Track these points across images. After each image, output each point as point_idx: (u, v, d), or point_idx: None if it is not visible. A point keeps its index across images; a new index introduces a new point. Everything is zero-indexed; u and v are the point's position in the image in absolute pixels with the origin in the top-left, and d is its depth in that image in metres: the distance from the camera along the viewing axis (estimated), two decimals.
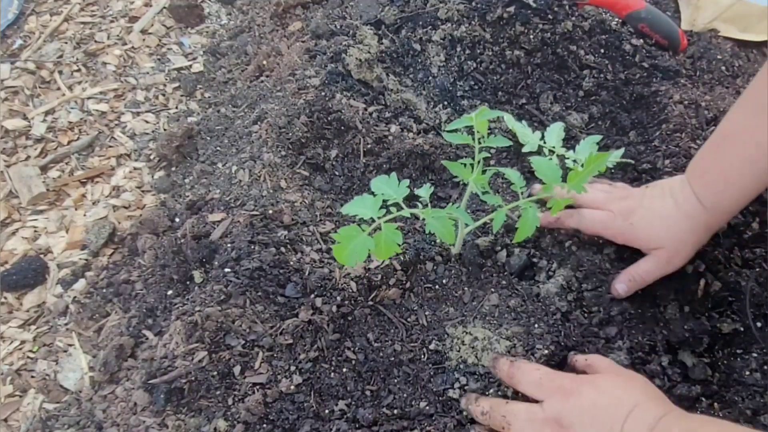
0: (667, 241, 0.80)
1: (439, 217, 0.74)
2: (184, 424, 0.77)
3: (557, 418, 0.65)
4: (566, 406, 0.66)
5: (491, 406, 0.71)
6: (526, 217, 0.78)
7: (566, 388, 0.68)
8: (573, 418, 0.65)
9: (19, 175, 1.22)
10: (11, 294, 1.08)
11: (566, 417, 0.65)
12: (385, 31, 1.19)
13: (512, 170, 0.82)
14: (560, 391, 0.68)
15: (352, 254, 0.69)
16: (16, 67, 1.37)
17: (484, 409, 0.71)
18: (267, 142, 1.06)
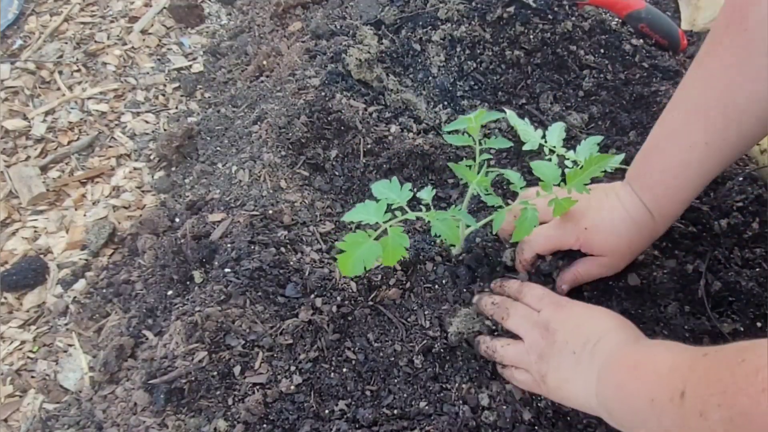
0: (617, 250, 0.81)
1: (444, 220, 0.75)
2: (184, 424, 0.77)
3: (546, 323, 0.75)
4: (556, 315, 0.76)
5: (501, 300, 0.81)
6: (525, 217, 0.78)
7: (561, 303, 0.78)
8: (558, 326, 0.74)
9: (19, 175, 1.22)
10: (11, 294, 1.08)
11: (553, 323, 0.75)
12: (385, 31, 1.19)
13: (512, 171, 0.82)
14: (556, 304, 0.78)
15: (357, 263, 0.69)
16: (16, 67, 1.37)
17: (495, 300, 0.81)
18: (267, 142, 1.06)
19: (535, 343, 0.75)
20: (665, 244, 0.90)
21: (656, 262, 0.88)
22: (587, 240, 0.81)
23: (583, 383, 0.69)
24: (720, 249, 0.87)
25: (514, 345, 0.77)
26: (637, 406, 0.60)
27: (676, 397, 0.53)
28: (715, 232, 0.88)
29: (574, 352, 0.71)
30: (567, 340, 0.72)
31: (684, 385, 0.53)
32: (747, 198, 0.89)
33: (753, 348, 0.50)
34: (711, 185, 0.93)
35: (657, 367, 0.60)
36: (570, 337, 0.72)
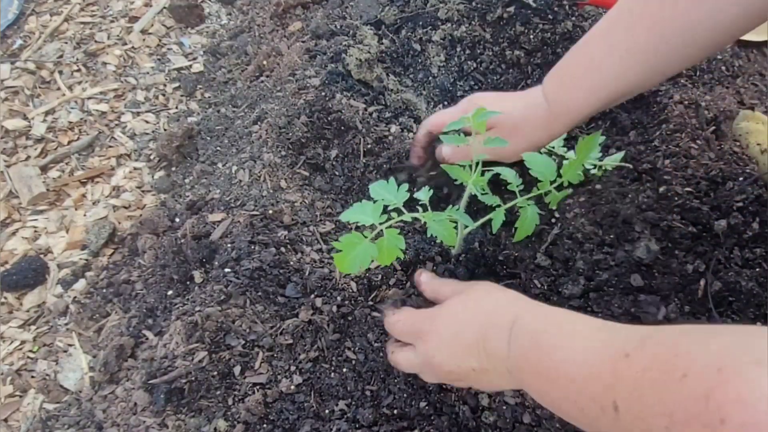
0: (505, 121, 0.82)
1: (441, 221, 0.75)
2: (184, 424, 0.77)
3: (428, 360, 0.72)
4: (429, 347, 0.72)
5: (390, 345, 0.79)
6: (525, 215, 0.79)
7: (424, 330, 0.73)
8: (440, 356, 0.70)
9: (19, 175, 1.22)
10: (11, 294, 1.08)
11: (435, 357, 0.71)
12: (385, 31, 1.19)
13: (508, 169, 0.82)
14: (420, 335, 0.74)
15: (354, 262, 0.69)
16: (16, 67, 1.37)
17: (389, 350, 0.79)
18: (267, 142, 1.06)
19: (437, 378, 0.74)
20: (666, 245, 0.90)
21: (657, 262, 0.89)
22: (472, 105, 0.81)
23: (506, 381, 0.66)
24: (720, 249, 0.87)
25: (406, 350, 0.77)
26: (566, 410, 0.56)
27: (609, 408, 0.49)
28: (715, 232, 0.88)
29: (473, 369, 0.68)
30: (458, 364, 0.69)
31: (613, 396, 0.49)
32: (747, 198, 0.89)
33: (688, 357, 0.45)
34: (711, 185, 0.93)
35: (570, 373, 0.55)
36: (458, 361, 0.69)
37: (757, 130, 1.01)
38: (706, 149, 0.99)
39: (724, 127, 1.04)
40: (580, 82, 0.78)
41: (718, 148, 1.00)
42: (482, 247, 0.92)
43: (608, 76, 0.76)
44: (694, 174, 0.94)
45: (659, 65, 0.74)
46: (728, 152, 0.99)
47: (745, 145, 1.01)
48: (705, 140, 1.00)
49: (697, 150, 0.98)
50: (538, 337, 0.61)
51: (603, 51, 0.75)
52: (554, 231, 0.93)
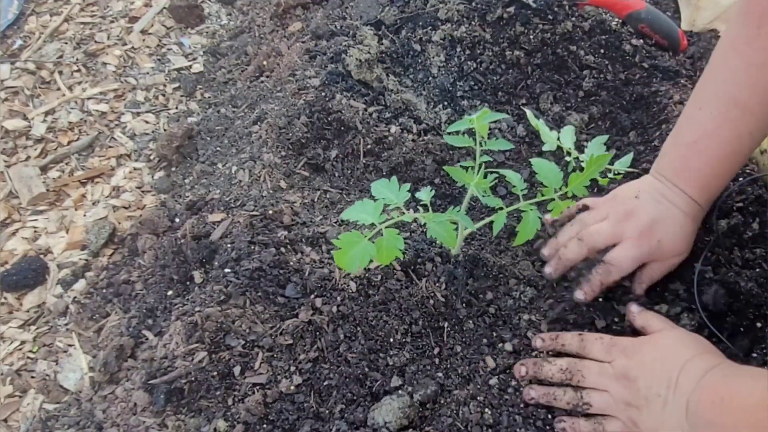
0: (684, 246, 0.86)
1: (441, 222, 0.74)
2: (184, 425, 0.77)
3: (624, 373, 0.74)
4: (631, 362, 0.75)
5: (568, 362, 0.79)
6: (527, 220, 0.78)
7: (629, 348, 0.76)
8: (637, 372, 0.73)
9: (19, 176, 1.22)
10: (11, 294, 1.08)
11: (631, 372, 0.74)
12: (385, 31, 1.19)
13: (513, 172, 0.82)
14: (624, 351, 0.76)
15: (353, 260, 0.69)
16: (16, 68, 1.37)
17: (563, 366, 0.78)
18: (267, 142, 1.06)
19: (619, 394, 0.74)
20: None
21: None
22: (661, 251, 0.84)
23: (676, 422, 0.68)
24: (720, 249, 0.87)
25: (598, 393, 0.76)
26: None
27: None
28: (715, 232, 0.88)
29: (659, 395, 0.70)
30: (650, 385, 0.72)
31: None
32: (747, 198, 0.89)
33: None
34: None
35: (744, 401, 0.60)
36: (651, 381, 0.72)
37: None
38: None
39: None
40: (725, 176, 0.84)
41: None
42: (482, 249, 0.92)
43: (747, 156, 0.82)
44: None
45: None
46: None
47: None
48: None
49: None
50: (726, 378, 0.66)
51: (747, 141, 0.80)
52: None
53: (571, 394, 0.76)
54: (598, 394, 0.76)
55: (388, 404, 0.75)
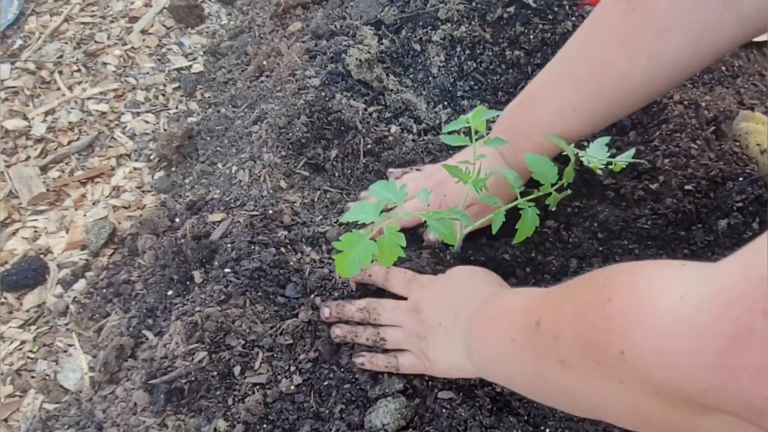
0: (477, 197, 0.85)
1: (441, 220, 0.75)
2: (184, 425, 0.77)
3: (414, 306, 0.78)
4: (422, 294, 0.79)
5: (367, 302, 0.82)
6: (526, 217, 0.78)
7: (424, 281, 0.81)
8: (425, 303, 0.77)
9: (19, 176, 1.22)
10: (11, 294, 1.09)
11: (420, 302, 0.78)
12: (385, 31, 1.19)
13: (510, 170, 0.82)
14: (420, 285, 0.81)
15: (354, 263, 0.70)
16: (16, 68, 1.37)
17: (360, 305, 0.82)
18: (267, 142, 1.06)
19: (410, 326, 0.78)
20: (666, 245, 0.90)
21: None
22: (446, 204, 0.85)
23: (455, 348, 0.72)
24: (719, 249, 0.87)
25: (392, 328, 0.79)
26: (500, 352, 0.63)
27: (532, 327, 0.55)
28: (715, 232, 0.88)
29: (440, 323, 0.74)
30: (433, 314, 0.76)
31: (539, 315, 0.55)
32: (747, 198, 0.89)
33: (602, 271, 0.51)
34: (711, 185, 0.93)
35: (512, 309, 0.63)
36: (437, 310, 0.76)
37: (756, 130, 1.01)
38: (706, 149, 0.99)
39: (724, 127, 1.04)
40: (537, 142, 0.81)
41: (718, 148, 1.00)
42: (481, 247, 0.92)
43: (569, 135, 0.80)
44: (694, 174, 0.94)
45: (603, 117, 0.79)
46: (728, 152, 0.99)
47: (744, 145, 1.01)
48: (705, 140, 1.00)
49: (697, 150, 0.98)
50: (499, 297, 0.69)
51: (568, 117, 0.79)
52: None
53: (370, 331, 0.80)
54: (393, 330, 0.79)
55: (384, 406, 0.75)
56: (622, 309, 0.44)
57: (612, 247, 0.91)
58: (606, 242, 0.92)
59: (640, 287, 0.44)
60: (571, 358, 0.50)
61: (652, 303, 0.42)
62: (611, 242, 0.92)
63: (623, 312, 0.44)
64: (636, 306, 0.43)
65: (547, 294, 0.59)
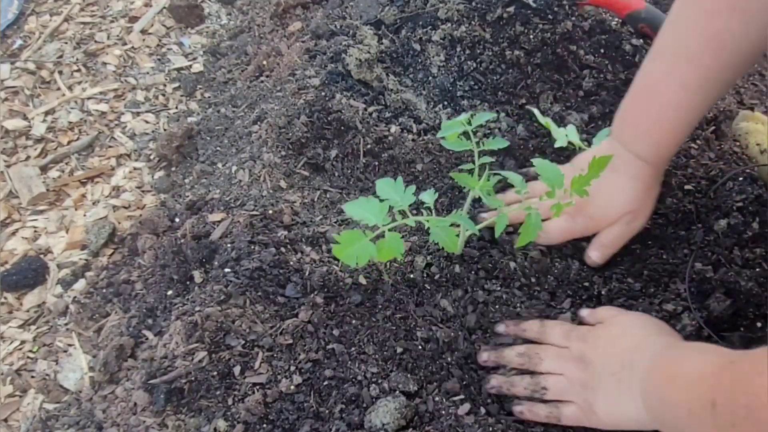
0: (625, 208, 0.84)
1: (444, 228, 0.75)
2: (184, 424, 0.77)
3: (580, 356, 0.75)
4: (587, 345, 0.76)
5: (527, 348, 0.79)
6: (529, 221, 0.78)
7: (586, 333, 0.78)
8: (592, 354, 0.74)
9: (19, 175, 1.22)
10: (11, 294, 1.09)
11: (587, 354, 0.75)
12: (385, 31, 1.19)
13: (514, 174, 0.82)
14: (582, 337, 0.77)
15: (352, 255, 0.70)
16: (16, 67, 1.37)
17: (521, 351, 0.79)
18: (267, 142, 1.06)
19: (574, 376, 0.74)
20: (665, 245, 0.90)
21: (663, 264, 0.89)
22: (594, 223, 0.84)
23: (632, 401, 0.69)
24: (720, 249, 0.87)
25: (554, 377, 0.76)
26: (678, 416, 0.61)
27: (708, 407, 0.54)
28: (715, 232, 0.88)
29: (613, 374, 0.71)
30: (604, 365, 0.73)
31: (714, 395, 0.54)
32: (747, 198, 0.89)
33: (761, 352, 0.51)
34: (711, 185, 0.93)
35: (688, 376, 0.61)
36: (606, 361, 0.73)
37: (756, 130, 1.01)
38: (706, 149, 0.99)
39: (723, 127, 1.04)
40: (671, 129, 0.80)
41: (718, 148, 1.00)
42: (485, 251, 0.92)
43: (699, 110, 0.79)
44: (694, 174, 0.94)
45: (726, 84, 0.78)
46: (728, 152, 0.99)
47: (744, 145, 1.01)
48: (705, 140, 1.00)
49: (697, 150, 0.98)
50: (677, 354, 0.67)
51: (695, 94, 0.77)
52: None
53: (528, 380, 0.77)
54: (554, 378, 0.76)
55: (384, 406, 0.75)
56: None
57: None
58: None
59: None
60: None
61: None
62: None
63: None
64: None
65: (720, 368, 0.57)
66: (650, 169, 0.83)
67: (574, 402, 0.74)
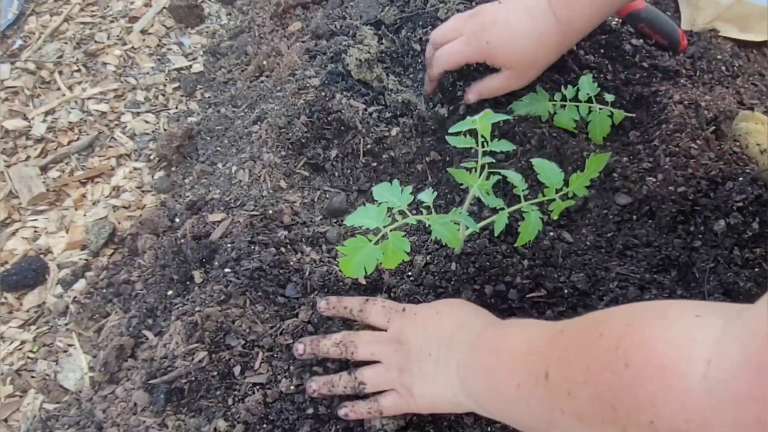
0: (520, 61, 0.83)
1: (445, 224, 0.75)
2: (184, 424, 0.77)
3: (396, 335, 0.73)
4: (405, 323, 0.73)
5: (343, 335, 0.76)
6: (528, 220, 0.78)
7: (407, 311, 0.75)
8: (409, 332, 0.72)
9: (19, 175, 1.22)
10: (11, 294, 1.09)
11: (403, 332, 0.72)
12: (385, 31, 1.19)
13: (514, 173, 0.82)
14: (401, 314, 0.75)
15: (359, 266, 0.70)
16: (16, 68, 1.37)
17: (336, 339, 0.76)
18: (267, 142, 1.06)
19: (391, 359, 0.72)
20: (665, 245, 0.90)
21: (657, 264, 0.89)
22: (490, 54, 0.82)
23: (447, 380, 0.67)
24: (720, 249, 0.87)
25: (370, 368, 0.73)
26: (504, 391, 0.59)
27: (541, 378, 0.53)
28: (715, 232, 0.88)
29: (430, 354, 0.69)
30: (421, 345, 0.70)
31: (546, 365, 0.53)
32: (747, 198, 0.89)
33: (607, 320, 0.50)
34: (711, 185, 0.93)
35: (514, 350, 0.60)
36: (423, 341, 0.70)
37: (756, 130, 1.01)
38: (706, 149, 0.99)
39: (723, 127, 1.04)
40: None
41: (718, 148, 1.00)
42: (483, 249, 0.92)
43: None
44: (694, 174, 0.94)
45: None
46: (728, 152, 0.99)
47: (744, 145, 1.01)
48: (705, 140, 1.00)
49: (697, 150, 0.98)
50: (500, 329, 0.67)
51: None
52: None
53: (345, 378, 0.74)
54: (370, 370, 0.73)
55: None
56: (645, 375, 0.43)
57: (612, 247, 0.91)
58: (606, 242, 0.92)
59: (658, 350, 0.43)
60: (590, 418, 0.48)
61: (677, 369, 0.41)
62: (612, 242, 0.92)
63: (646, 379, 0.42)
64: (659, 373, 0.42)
65: (550, 338, 0.56)
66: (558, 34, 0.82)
67: (395, 389, 0.72)
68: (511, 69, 0.84)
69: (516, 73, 0.84)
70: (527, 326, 0.63)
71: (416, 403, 0.70)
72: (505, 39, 0.82)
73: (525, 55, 0.83)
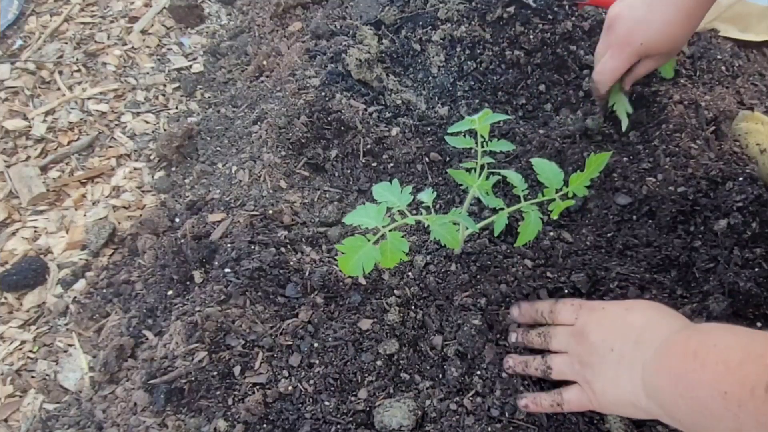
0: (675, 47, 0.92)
1: (444, 224, 0.75)
2: (184, 424, 0.77)
3: (581, 328, 0.73)
4: (591, 317, 0.74)
5: (543, 328, 0.79)
6: (528, 221, 0.78)
7: (595, 307, 0.75)
8: (593, 327, 0.72)
9: (19, 176, 1.22)
10: (11, 294, 1.09)
11: (588, 326, 0.72)
12: (385, 31, 1.19)
13: (514, 173, 0.82)
14: (589, 309, 0.75)
15: (357, 264, 0.70)
16: (16, 68, 1.37)
17: (539, 330, 0.79)
18: (267, 142, 1.06)
19: (574, 350, 0.73)
20: (665, 244, 0.90)
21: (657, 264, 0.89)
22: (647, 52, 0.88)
23: (629, 381, 0.65)
24: (720, 249, 0.87)
25: (559, 356, 0.75)
26: (702, 398, 0.56)
27: (759, 390, 0.50)
28: (715, 232, 0.88)
29: (612, 349, 0.68)
30: (603, 338, 0.70)
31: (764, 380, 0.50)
32: (747, 198, 0.89)
33: None
34: (711, 185, 0.93)
35: (725, 357, 0.56)
36: (606, 335, 0.70)
37: (756, 130, 1.01)
38: (706, 149, 0.99)
39: (723, 127, 1.04)
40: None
41: (718, 148, 1.00)
42: (483, 249, 0.92)
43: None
44: (694, 174, 0.94)
45: None
46: (728, 152, 0.99)
47: (744, 145, 1.01)
48: (705, 140, 1.00)
49: (697, 150, 0.98)
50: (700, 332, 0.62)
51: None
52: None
53: (538, 360, 0.76)
54: (560, 357, 0.75)
55: (398, 407, 0.75)
56: None
57: (612, 247, 0.91)
58: (606, 242, 0.92)
59: None
60: None
61: None
62: (612, 242, 0.92)
63: None
64: None
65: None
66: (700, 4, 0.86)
67: (577, 383, 0.72)
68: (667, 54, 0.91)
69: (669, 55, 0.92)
70: (740, 332, 0.59)
71: (597, 401, 0.70)
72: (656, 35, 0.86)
73: (678, 41, 0.89)
